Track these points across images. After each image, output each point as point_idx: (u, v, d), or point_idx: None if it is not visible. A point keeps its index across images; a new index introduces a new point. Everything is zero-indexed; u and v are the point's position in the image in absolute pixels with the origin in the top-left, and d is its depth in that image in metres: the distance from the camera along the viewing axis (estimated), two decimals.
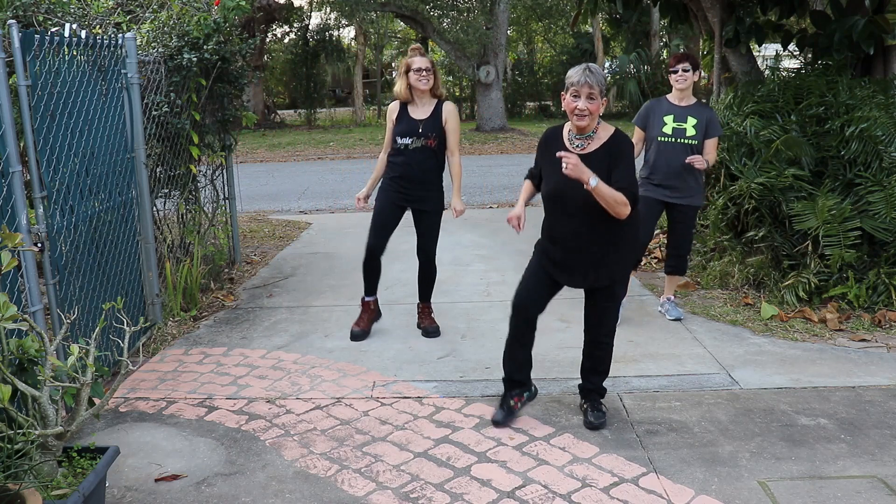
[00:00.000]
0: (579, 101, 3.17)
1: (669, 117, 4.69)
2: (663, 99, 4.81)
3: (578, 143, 3.29)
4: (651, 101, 4.85)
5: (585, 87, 3.15)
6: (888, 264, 4.96)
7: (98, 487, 2.57)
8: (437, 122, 4.46)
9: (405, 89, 4.46)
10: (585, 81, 3.14)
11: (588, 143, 3.28)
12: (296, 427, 3.53)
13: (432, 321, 4.78)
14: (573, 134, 3.32)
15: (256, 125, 19.71)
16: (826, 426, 3.42)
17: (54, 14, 5.17)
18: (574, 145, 3.30)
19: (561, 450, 3.27)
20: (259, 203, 10.26)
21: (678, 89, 4.71)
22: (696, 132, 4.63)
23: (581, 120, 3.21)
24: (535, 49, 29.99)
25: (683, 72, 4.66)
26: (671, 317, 4.93)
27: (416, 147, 4.43)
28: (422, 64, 4.42)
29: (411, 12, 18.98)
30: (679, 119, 4.66)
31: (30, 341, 2.66)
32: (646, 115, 4.79)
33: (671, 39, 22.87)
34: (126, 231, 4.51)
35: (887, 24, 5.88)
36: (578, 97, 3.17)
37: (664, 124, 4.67)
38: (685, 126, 4.64)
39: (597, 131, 3.29)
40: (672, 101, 4.75)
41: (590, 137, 3.28)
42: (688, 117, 4.66)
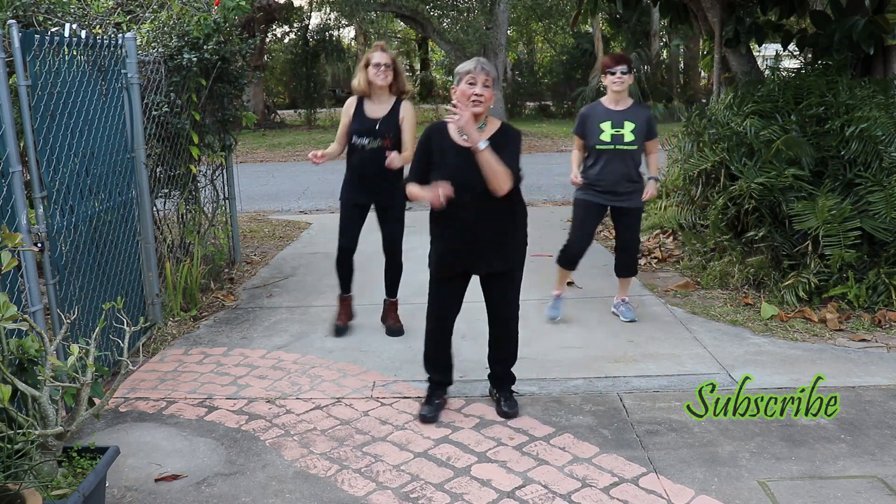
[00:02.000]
0: (476, 88, 3.22)
1: (607, 124, 4.58)
2: (598, 104, 4.71)
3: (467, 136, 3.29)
4: (586, 108, 4.77)
5: (482, 74, 3.22)
6: (888, 264, 4.96)
7: (98, 487, 2.57)
8: (394, 120, 4.42)
9: (364, 83, 4.44)
10: (482, 69, 3.23)
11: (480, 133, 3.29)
12: (296, 427, 3.53)
13: (397, 319, 4.80)
14: None
15: (256, 125, 19.70)
16: (826, 426, 3.42)
17: (54, 14, 5.17)
18: (464, 138, 3.29)
19: (561, 450, 3.27)
20: (259, 203, 10.25)
21: (614, 91, 4.60)
22: (635, 137, 4.56)
23: (477, 106, 3.23)
24: (535, 49, 30.00)
25: (621, 74, 4.55)
26: (625, 318, 4.90)
27: (373, 147, 4.41)
28: (381, 59, 4.39)
29: (411, 12, 18.99)
30: (616, 125, 4.57)
31: (30, 341, 2.66)
32: (582, 123, 4.70)
33: (671, 39, 22.86)
34: (126, 231, 4.51)
35: (887, 24, 5.88)
36: (475, 84, 3.23)
37: (601, 132, 4.58)
38: (623, 132, 4.57)
39: (487, 123, 3.33)
40: (608, 106, 4.65)
41: (480, 129, 3.30)
42: (625, 122, 4.57)
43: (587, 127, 4.67)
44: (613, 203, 4.72)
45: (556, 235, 7.46)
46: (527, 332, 4.71)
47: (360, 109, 4.47)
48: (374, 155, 4.39)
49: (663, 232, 7.18)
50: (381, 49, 4.45)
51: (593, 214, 4.79)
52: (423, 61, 33.70)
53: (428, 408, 3.59)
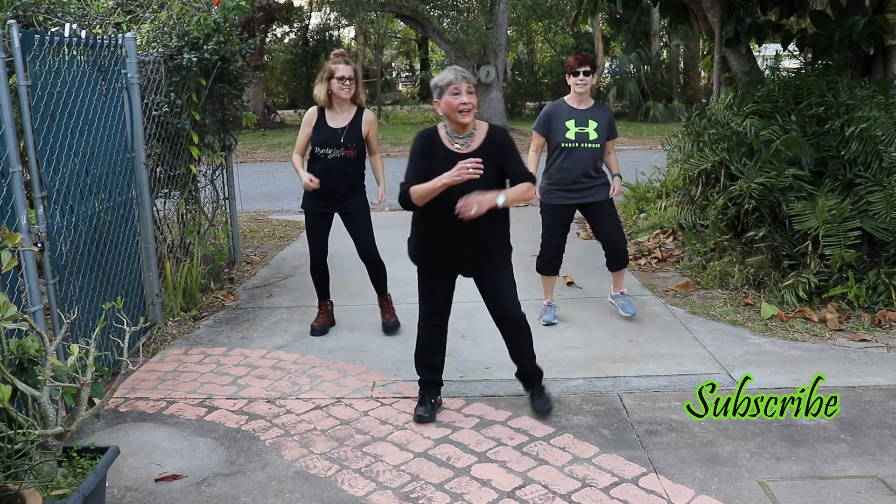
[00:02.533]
0: (461, 97, 3.19)
1: (571, 122, 4.63)
2: (562, 102, 4.76)
3: (461, 143, 3.30)
4: (550, 106, 4.80)
5: (463, 82, 3.20)
6: (888, 264, 4.96)
7: (98, 487, 2.57)
8: (357, 131, 4.50)
9: (325, 95, 4.49)
10: (462, 77, 3.20)
11: (469, 140, 3.30)
12: (296, 427, 3.53)
13: (392, 314, 4.83)
14: (453, 135, 3.31)
15: (256, 125, 19.69)
16: (826, 426, 3.42)
17: (54, 14, 5.17)
18: (456, 145, 3.29)
19: (561, 450, 3.27)
20: (259, 203, 10.26)
21: (578, 93, 4.65)
22: (598, 135, 4.62)
23: (466, 115, 3.22)
24: (535, 49, 29.99)
25: (584, 75, 4.60)
26: (625, 312, 4.91)
27: (336, 157, 4.48)
28: (345, 72, 4.44)
29: (411, 12, 18.98)
30: (581, 123, 4.62)
31: (30, 341, 2.66)
32: (547, 120, 4.72)
33: (671, 39, 22.87)
34: (126, 231, 4.51)
35: (887, 24, 5.88)
36: (459, 93, 3.20)
37: (566, 129, 4.63)
38: (587, 130, 4.62)
39: (476, 128, 3.32)
40: (572, 105, 4.70)
41: (471, 136, 3.31)
42: (588, 121, 4.63)
43: (552, 125, 4.70)
44: (582, 200, 4.72)
45: None
46: None
47: (322, 120, 4.53)
48: (338, 164, 4.50)
49: (663, 232, 7.17)
50: (345, 61, 4.51)
51: (562, 216, 4.80)
52: (423, 61, 33.69)
53: (423, 408, 3.57)
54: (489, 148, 3.27)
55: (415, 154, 3.36)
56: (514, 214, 3.52)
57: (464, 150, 3.28)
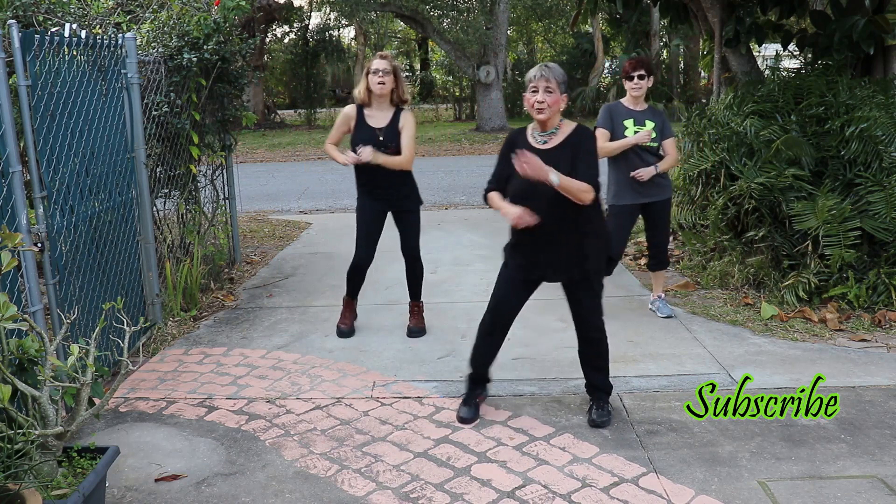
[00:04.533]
0: (538, 95, 3.24)
1: (630, 121, 4.74)
2: (619, 104, 4.84)
3: (542, 140, 3.35)
4: (609, 105, 4.88)
5: (542, 80, 3.24)
6: (888, 264, 4.96)
7: (98, 487, 2.58)
8: (396, 129, 4.45)
9: (364, 91, 4.47)
10: (542, 75, 3.24)
11: (551, 138, 3.34)
12: (296, 427, 3.53)
13: (420, 320, 4.80)
14: (536, 132, 3.38)
15: (256, 125, 19.71)
16: (826, 426, 3.42)
17: (54, 14, 5.17)
18: (538, 142, 3.35)
19: (561, 450, 3.27)
20: (259, 203, 10.26)
21: (633, 96, 4.76)
22: (656, 134, 4.71)
23: (541, 113, 3.26)
24: (535, 49, 30.02)
25: (639, 79, 4.71)
26: (662, 314, 4.96)
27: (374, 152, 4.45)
28: (380, 65, 4.40)
29: (411, 12, 18.99)
30: (639, 123, 4.73)
31: (30, 341, 2.66)
32: (609, 117, 4.80)
33: (671, 39, 22.87)
34: (126, 231, 4.51)
35: (887, 24, 5.88)
36: (537, 91, 3.25)
37: (625, 128, 4.73)
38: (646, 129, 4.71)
39: (560, 127, 3.35)
40: (629, 106, 4.80)
41: (553, 134, 3.34)
42: (646, 121, 4.74)
43: (614, 123, 4.78)
44: (643, 199, 4.79)
45: None
46: (527, 332, 4.72)
47: (362, 119, 4.49)
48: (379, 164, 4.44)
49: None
50: (382, 57, 4.47)
51: (629, 215, 4.87)
52: (423, 61, 33.69)
53: (466, 409, 3.56)
54: (568, 147, 3.28)
55: (501, 154, 3.46)
56: None
57: (543, 146, 3.32)
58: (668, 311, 4.97)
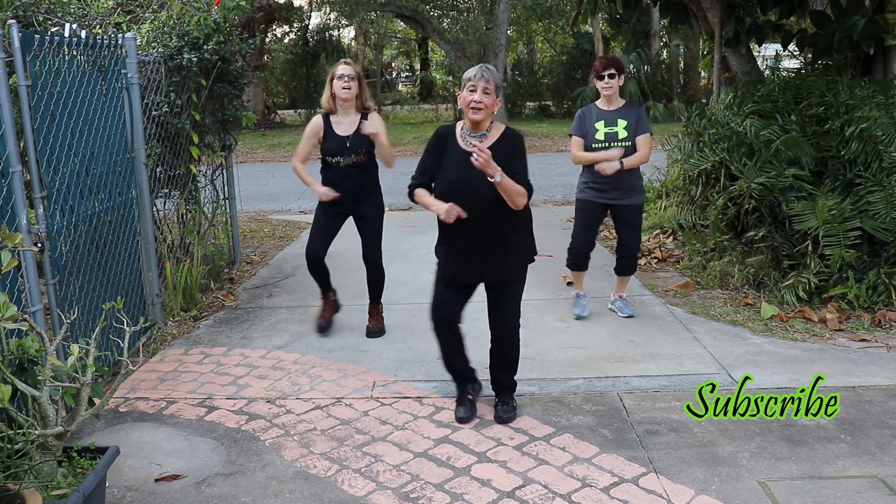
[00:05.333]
0: (475, 95, 3.24)
1: (601, 123, 4.71)
2: (592, 106, 4.82)
3: (472, 141, 3.32)
4: (582, 110, 4.86)
5: (481, 81, 3.24)
6: (888, 264, 4.96)
7: (98, 487, 2.57)
8: (363, 135, 4.46)
9: (328, 98, 4.49)
10: (482, 76, 3.24)
11: (482, 140, 3.33)
12: (296, 427, 3.53)
13: (378, 321, 4.80)
14: (467, 131, 3.36)
15: (256, 125, 19.70)
16: (826, 426, 3.42)
17: (54, 14, 5.17)
18: (468, 143, 3.33)
19: (561, 450, 3.27)
20: (259, 203, 10.26)
21: (605, 96, 4.73)
22: (628, 133, 4.67)
23: (477, 113, 3.26)
24: (535, 49, 30.00)
25: (609, 77, 4.67)
26: (623, 314, 4.96)
27: (349, 164, 4.48)
28: (345, 70, 4.44)
29: (411, 12, 18.99)
30: (610, 123, 4.69)
31: (30, 341, 2.66)
32: (581, 123, 4.78)
33: (671, 39, 22.87)
34: (126, 231, 4.51)
35: (887, 24, 5.89)
36: (475, 91, 3.25)
37: (596, 131, 4.71)
38: (616, 129, 4.68)
39: (491, 129, 3.36)
40: (601, 107, 4.77)
41: (484, 136, 3.34)
42: (618, 120, 4.69)
43: (586, 127, 4.76)
44: (613, 201, 4.76)
45: (556, 235, 7.46)
46: (527, 332, 4.70)
47: (329, 128, 4.52)
48: (351, 171, 4.50)
49: (663, 232, 7.17)
50: (346, 62, 4.53)
51: (592, 212, 4.85)
52: (423, 61, 33.70)
53: (463, 409, 3.57)
54: (500, 149, 3.28)
55: (427, 149, 3.45)
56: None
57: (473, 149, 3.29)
58: (629, 312, 4.97)
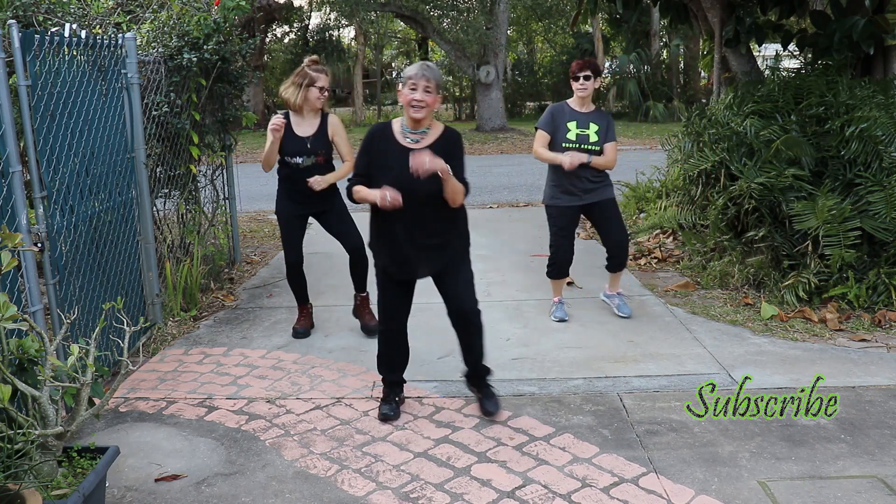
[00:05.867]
0: (416, 93, 3.24)
1: (573, 123, 4.69)
2: (565, 105, 4.80)
3: (413, 139, 3.33)
4: (553, 107, 4.84)
5: (422, 79, 3.24)
6: (888, 264, 4.96)
7: (98, 487, 2.58)
8: (324, 136, 4.51)
9: (301, 100, 4.48)
10: (423, 74, 3.24)
11: (422, 138, 3.33)
12: (296, 427, 3.53)
13: (372, 316, 4.78)
14: (407, 129, 3.36)
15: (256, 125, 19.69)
16: (826, 426, 3.42)
17: (54, 14, 5.17)
18: (408, 140, 3.33)
19: (561, 450, 3.27)
20: (259, 203, 10.25)
21: (580, 97, 4.71)
22: (598, 138, 4.67)
23: (418, 112, 3.26)
24: (535, 49, 30.00)
25: (584, 80, 4.65)
26: (622, 314, 4.95)
27: (308, 165, 4.50)
28: (322, 82, 4.47)
29: (411, 12, 18.99)
30: (582, 126, 4.68)
31: (30, 341, 2.66)
32: (551, 119, 4.76)
33: (671, 39, 22.88)
34: (126, 231, 4.51)
35: (887, 24, 5.89)
36: (416, 90, 3.24)
37: (568, 130, 4.68)
38: (588, 132, 4.67)
39: (431, 127, 3.36)
40: (574, 108, 4.76)
41: (424, 133, 3.35)
42: (590, 123, 4.68)
43: (556, 124, 4.73)
44: (585, 201, 4.74)
45: None
46: (527, 332, 4.72)
47: (289, 129, 4.50)
48: (309, 172, 4.51)
49: (663, 232, 7.17)
50: (319, 70, 4.52)
51: (569, 218, 4.83)
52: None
53: (388, 406, 3.59)
54: (440, 148, 3.29)
55: (362, 148, 3.43)
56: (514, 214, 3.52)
57: (415, 146, 3.32)
58: (628, 311, 4.96)
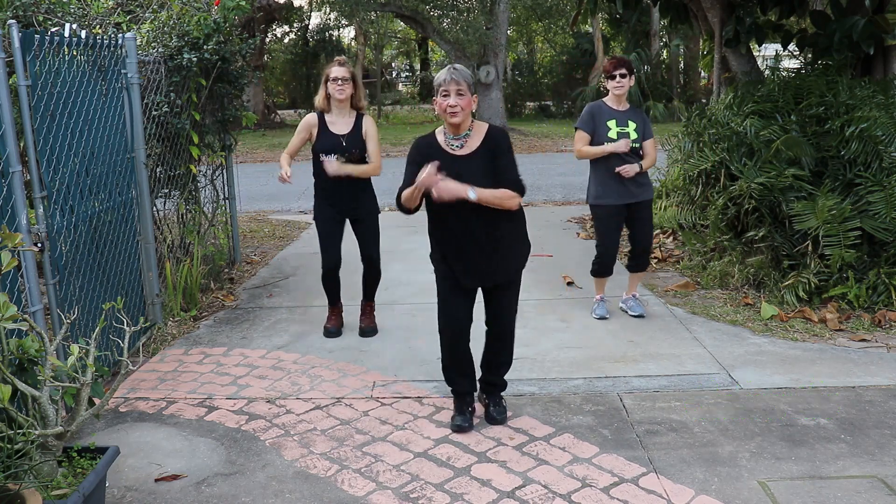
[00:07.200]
0: (450, 98, 3.19)
1: (612, 122, 4.71)
2: (602, 103, 4.81)
3: (457, 145, 3.29)
4: (591, 106, 4.84)
5: (453, 83, 3.19)
6: (888, 264, 4.96)
7: (98, 487, 2.57)
8: (359, 135, 4.50)
9: (324, 98, 4.50)
10: (452, 79, 3.19)
11: (465, 142, 3.29)
12: (296, 427, 3.53)
13: (371, 320, 4.82)
14: (450, 136, 3.31)
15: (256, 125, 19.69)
16: (826, 426, 3.42)
17: (54, 14, 5.17)
18: (452, 147, 3.29)
19: (561, 450, 3.27)
20: (259, 203, 10.26)
21: (616, 95, 4.72)
22: (638, 135, 4.69)
23: (454, 116, 3.21)
24: (535, 49, 29.99)
25: (621, 77, 4.67)
26: (634, 313, 4.96)
27: (342, 163, 4.48)
28: (339, 73, 4.44)
29: (411, 12, 18.99)
30: (621, 124, 4.70)
31: (30, 341, 2.66)
32: (591, 119, 4.77)
33: (671, 39, 22.87)
34: (126, 231, 4.51)
35: (887, 24, 5.89)
36: (448, 95, 3.19)
37: (608, 129, 4.70)
38: (628, 130, 4.69)
39: (472, 129, 3.31)
40: (612, 106, 4.77)
41: (467, 136, 3.29)
42: (628, 121, 4.71)
43: (596, 123, 4.74)
44: (630, 199, 4.75)
45: (556, 235, 7.47)
46: (527, 332, 4.72)
47: (324, 126, 4.52)
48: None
49: (663, 232, 7.17)
50: (339, 63, 4.51)
51: (617, 217, 4.83)
52: (423, 61, 33.69)
53: (461, 417, 3.49)
54: (486, 149, 3.26)
55: (409, 160, 3.38)
56: None
57: (460, 151, 3.28)
58: (641, 311, 4.96)
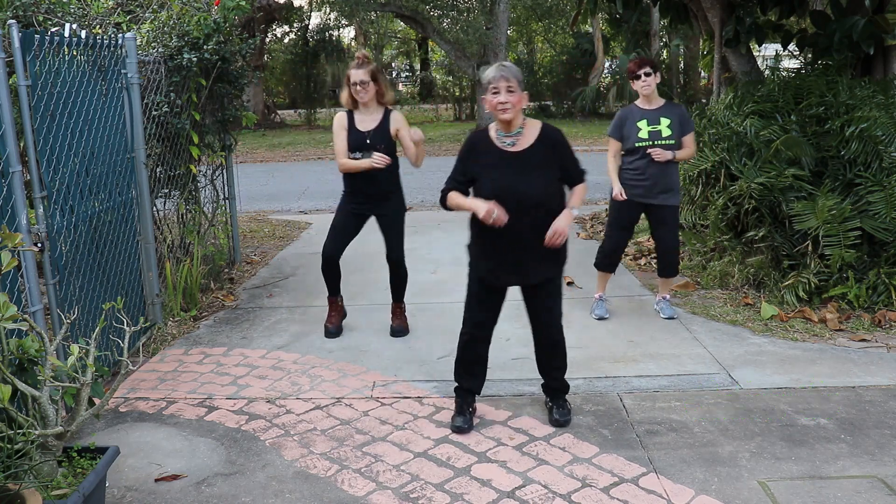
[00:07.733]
0: (500, 96, 3.18)
1: (643, 122, 4.68)
2: (633, 106, 4.80)
3: (509, 142, 3.28)
4: (622, 111, 4.83)
5: (502, 80, 3.18)
6: (888, 264, 4.96)
7: (98, 487, 2.57)
8: (385, 131, 4.45)
9: (348, 98, 4.49)
10: (502, 76, 3.18)
11: (518, 139, 3.28)
12: (296, 427, 3.53)
13: (402, 320, 4.81)
14: (501, 133, 3.30)
15: (256, 125, 19.70)
16: (826, 426, 3.42)
17: (54, 14, 5.17)
18: (505, 144, 3.28)
19: (561, 450, 3.27)
20: (259, 203, 10.26)
21: (644, 95, 4.71)
22: (672, 132, 4.64)
23: (505, 113, 3.19)
24: (535, 49, 29.97)
25: (645, 76, 4.64)
26: (665, 315, 4.94)
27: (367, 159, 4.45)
28: (356, 77, 4.41)
29: (411, 12, 19.00)
30: (653, 122, 4.67)
31: (30, 341, 2.66)
32: (620, 125, 4.76)
33: (671, 39, 22.87)
34: (126, 231, 4.51)
35: (887, 24, 5.89)
36: (498, 92, 3.18)
37: (639, 130, 4.67)
38: (660, 128, 4.65)
39: (525, 126, 3.30)
40: (642, 107, 4.75)
41: (519, 134, 3.28)
42: (660, 119, 4.67)
43: (625, 128, 4.73)
44: (654, 201, 4.73)
45: None
46: (527, 332, 4.68)
47: (352, 124, 4.50)
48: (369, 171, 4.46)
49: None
50: (357, 66, 4.44)
51: (627, 212, 4.81)
52: (423, 61, 33.67)
53: (462, 418, 3.48)
54: (543, 147, 3.25)
55: (461, 155, 3.39)
56: None
57: (512, 148, 3.26)
58: (670, 313, 4.94)
